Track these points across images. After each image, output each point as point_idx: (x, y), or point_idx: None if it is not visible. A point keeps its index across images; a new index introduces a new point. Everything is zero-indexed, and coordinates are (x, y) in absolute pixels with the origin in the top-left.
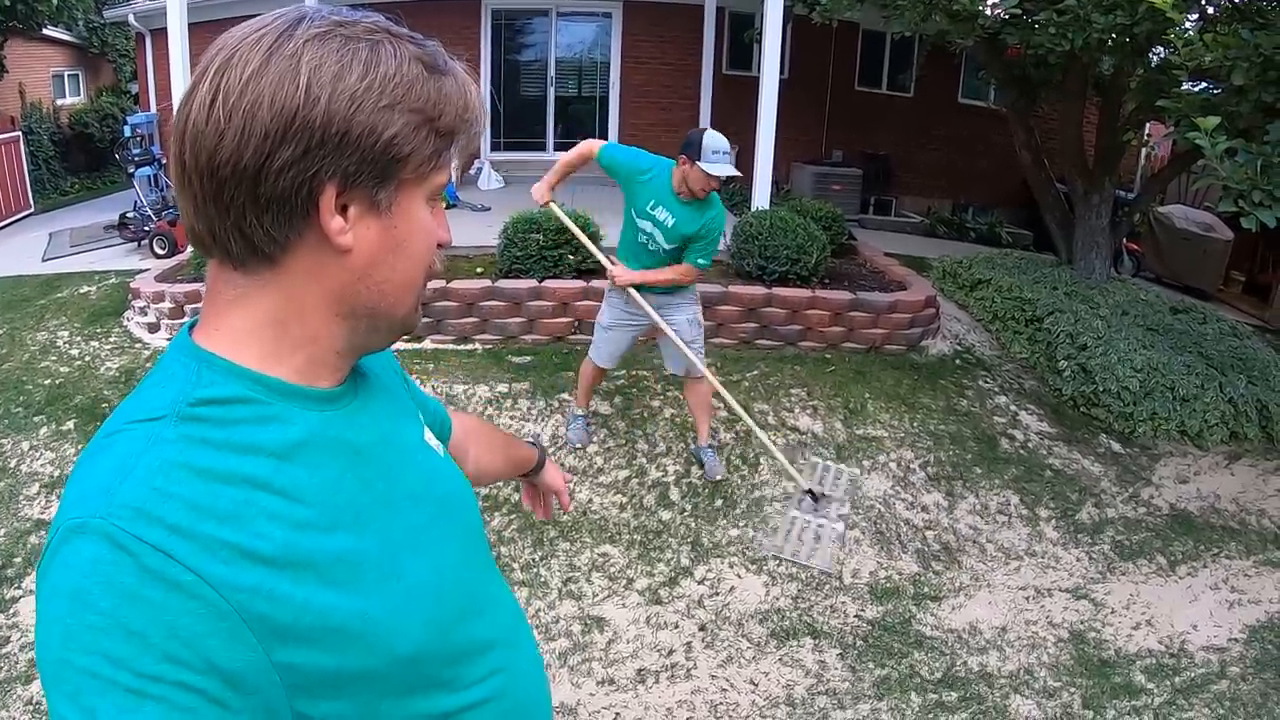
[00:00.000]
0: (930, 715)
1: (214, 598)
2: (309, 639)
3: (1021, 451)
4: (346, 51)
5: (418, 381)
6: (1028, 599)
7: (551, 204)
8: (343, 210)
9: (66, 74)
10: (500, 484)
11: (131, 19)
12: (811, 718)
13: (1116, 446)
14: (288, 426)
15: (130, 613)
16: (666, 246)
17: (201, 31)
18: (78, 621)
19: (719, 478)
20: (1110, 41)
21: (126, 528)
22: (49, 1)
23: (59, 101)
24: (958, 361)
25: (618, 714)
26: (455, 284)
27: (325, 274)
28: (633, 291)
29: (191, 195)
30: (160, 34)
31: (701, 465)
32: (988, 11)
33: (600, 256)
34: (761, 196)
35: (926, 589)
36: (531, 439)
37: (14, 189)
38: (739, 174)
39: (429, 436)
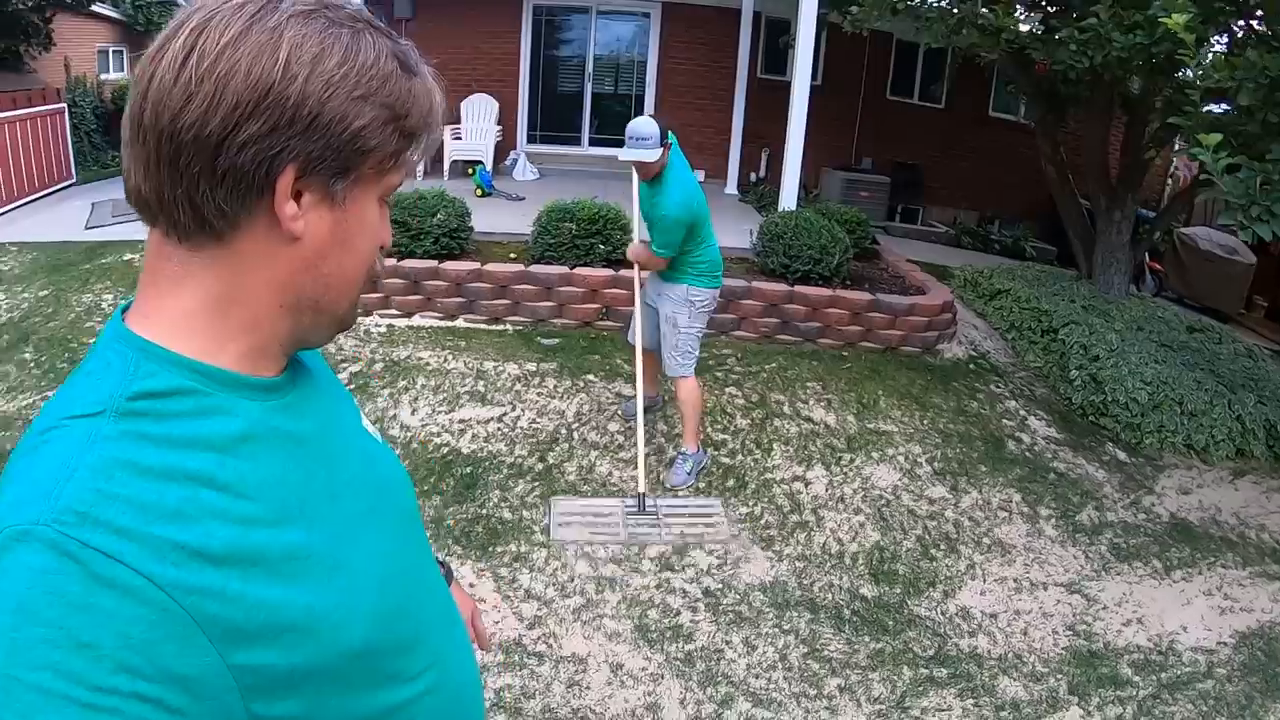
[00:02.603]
0: (920, 688)
1: (166, 601)
2: (262, 638)
3: (1027, 454)
4: (329, 35)
5: (450, 358)
6: (1022, 590)
7: None
8: (297, 196)
9: (111, 50)
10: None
11: None
12: (805, 681)
13: (1122, 455)
14: (229, 419)
15: (80, 623)
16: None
17: None
18: (24, 635)
19: (673, 485)
20: (1137, 61)
21: (72, 533)
22: None
23: (103, 77)
24: (971, 366)
25: (621, 663)
26: (489, 267)
27: (273, 259)
28: (636, 267)
29: (144, 155)
30: None
31: (668, 466)
32: (1019, 28)
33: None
34: (789, 198)
35: (924, 574)
36: (441, 559)
37: (57, 160)
38: (644, 159)
39: (366, 423)
